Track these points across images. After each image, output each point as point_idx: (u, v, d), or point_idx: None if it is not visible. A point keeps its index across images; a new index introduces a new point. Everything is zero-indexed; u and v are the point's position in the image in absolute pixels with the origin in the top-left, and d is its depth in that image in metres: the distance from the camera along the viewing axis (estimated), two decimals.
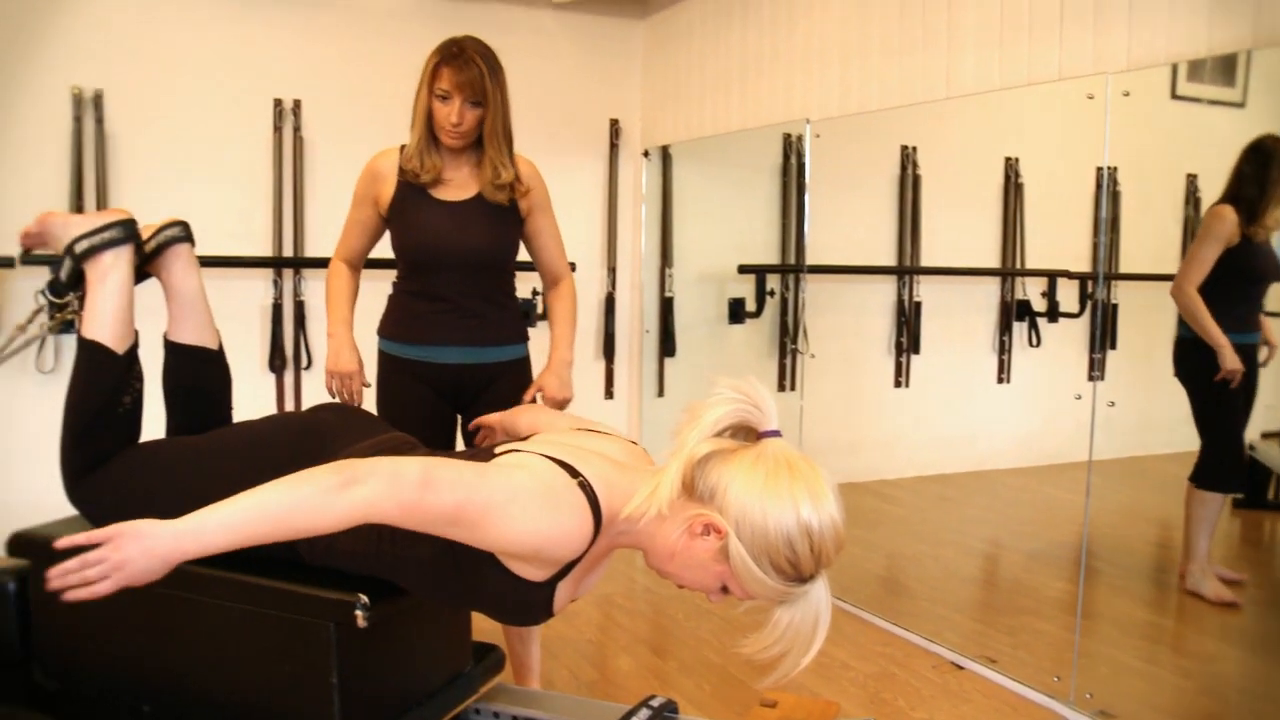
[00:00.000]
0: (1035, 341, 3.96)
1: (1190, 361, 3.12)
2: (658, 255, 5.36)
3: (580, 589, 1.76)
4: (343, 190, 2.87)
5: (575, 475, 1.62)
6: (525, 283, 3.12)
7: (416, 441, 2.02)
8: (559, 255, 2.91)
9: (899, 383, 4.41)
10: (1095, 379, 3.12)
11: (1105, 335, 3.15)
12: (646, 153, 5.40)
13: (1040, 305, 3.91)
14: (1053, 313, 3.84)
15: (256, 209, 4.67)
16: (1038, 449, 4.07)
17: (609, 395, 5.49)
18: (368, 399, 2.79)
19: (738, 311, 4.82)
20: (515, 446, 1.74)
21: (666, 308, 5.32)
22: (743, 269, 4.80)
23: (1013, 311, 4.04)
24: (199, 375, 2.17)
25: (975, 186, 4.18)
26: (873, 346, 4.45)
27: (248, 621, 1.82)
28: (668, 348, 5.32)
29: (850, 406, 4.57)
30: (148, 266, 2.13)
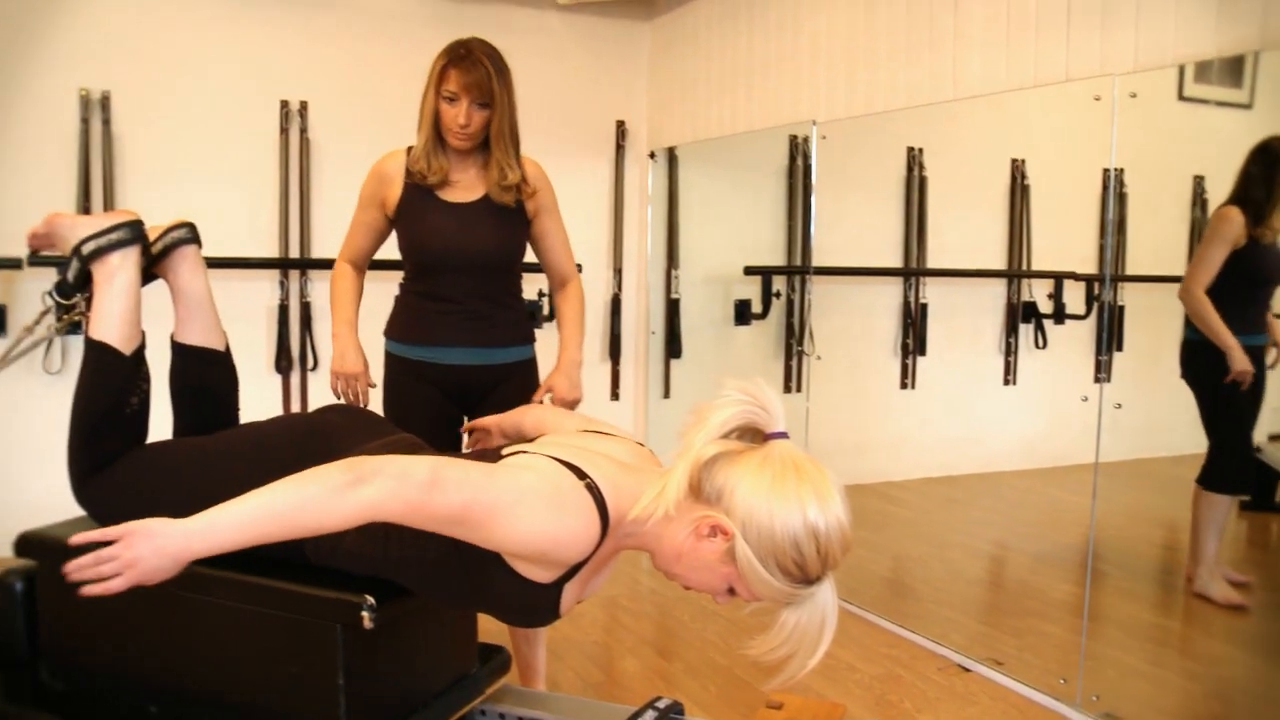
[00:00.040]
0: (1041, 343, 3.96)
1: (1198, 363, 3.11)
2: (664, 257, 5.36)
3: (587, 591, 1.76)
4: (349, 191, 2.88)
5: (582, 477, 1.62)
6: (530, 284, 3.12)
7: (423, 443, 2.02)
8: (566, 257, 2.91)
9: (905, 384, 4.41)
10: (1101, 381, 3.11)
11: (1111, 337, 3.14)
12: (653, 154, 5.40)
13: (1046, 307, 3.90)
14: (1059, 314, 3.83)
15: (263, 210, 4.68)
16: (1044, 451, 4.06)
17: (615, 397, 5.49)
18: (374, 400, 2.79)
19: (744, 313, 4.82)
20: (522, 448, 1.74)
21: (672, 309, 5.32)
22: (749, 270, 4.80)
23: (1019, 313, 4.03)
24: (206, 376, 2.18)
25: (981, 188, 4.18)
26: (879, 348, 4.44)
27: (254, 622, 1.82)
28: (674, 349, 5.32)
29: (856, 408, 4.57)
30: (155, 268, 2.13)
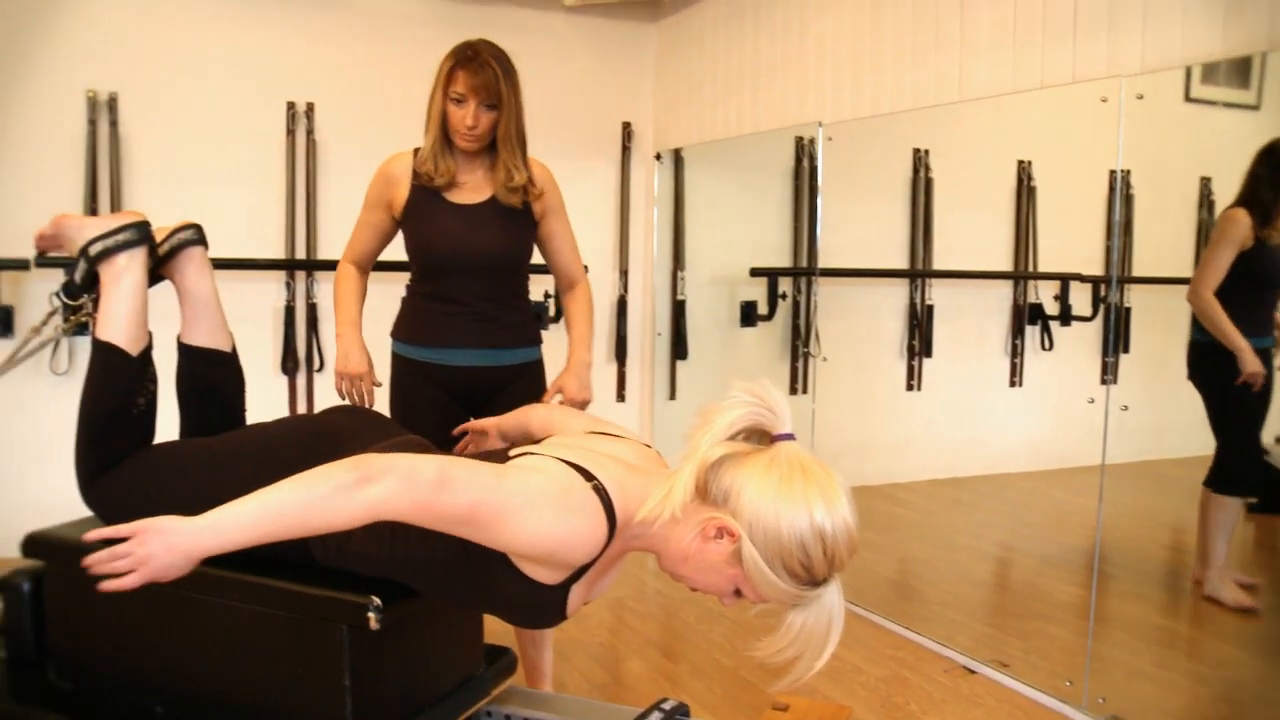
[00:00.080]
0: (1048, 345, 3.95)
1: (1206, 365, 3.11)
2: (670, 258, 5.36)
3: (593, 592, 1.76)
4: (355, 193, 2.87)
5: (590, 479, 1.62)
6: (536, 285, 3.11)
7: (430, 444, 2.02)
8: (574, 259, 2.91)
9: (911, 386, 4.41)
10: (1108, 382, 3.11)
11: (1118, 339, 3.14)
12: (659, 156, 5.40)
13: (1053, 308, 3.89)
14: (1065, 316, 3.82)
15: (269, 211, 4.69)
16: (1050, 453, 4.05)
17: (621, 398, 5.49)
18: (381, 401, 2.79)
19: (750, 314, 4.81)
20: (530, 449, 1.74)
21: (678, 311, 5.32)
22: (755, 272, 4.79)
23: (1025, 315, 4.03)
24: (212, 377, 2.18)
25: (988, 189, 4.17)
26: (885, 350, 4.44)
27: (260, 623, 1.82)
28: (679, 350, 5.32)
29: (862, 410, 4.56)
30: (161, 269, 2.14)
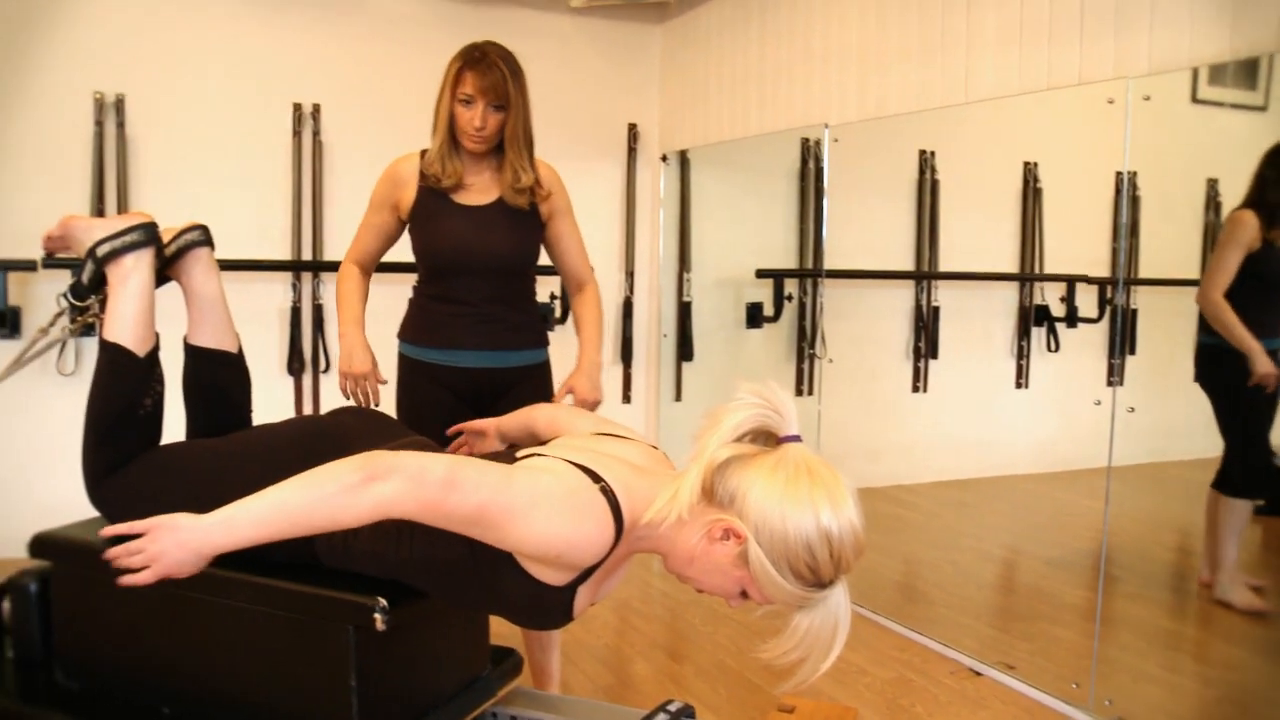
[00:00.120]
0: (1054, 347, 3.94)
1: (1214, 367, 3.10)
2: (675, 260, 5.36)
3: (600, 593, 1.76)
4: (361, 194, 2.87)
5: (597, 480, 1.62)
6: (542, 287, 3.12)
7: (436, 445, 2.02)
8: (582, 260, 2.90)
9: (917, 388, 4.40)
10: (1114, 384, 3.10)
11: (1124, 340, 3.13)
12: (664, 157, 5.40)
13: (1059, 310, 3.89)
14: (1071, 318, 3.82)
15: (276, 213, 4.70)
16: (1056, 454, 4.05)
17: (626, 399, 5.49)
18: (387, 402, 2.78)
19: (755, 316, 4.81)
20: (537, 450, 1.74)
21: (684, 312, 5.32)
22: (760, 274, 4.79)
23: (1031, 316, 4.02)
24: (219, 378, 2.18)
25: (994, 191, 4.17)
26: (891, 351, 4.43)
27: (267, 624, 1.82)
28: (685, 352, 5.32)
29: (868, 411, 4.56)
30: (168, 270, 2.14)
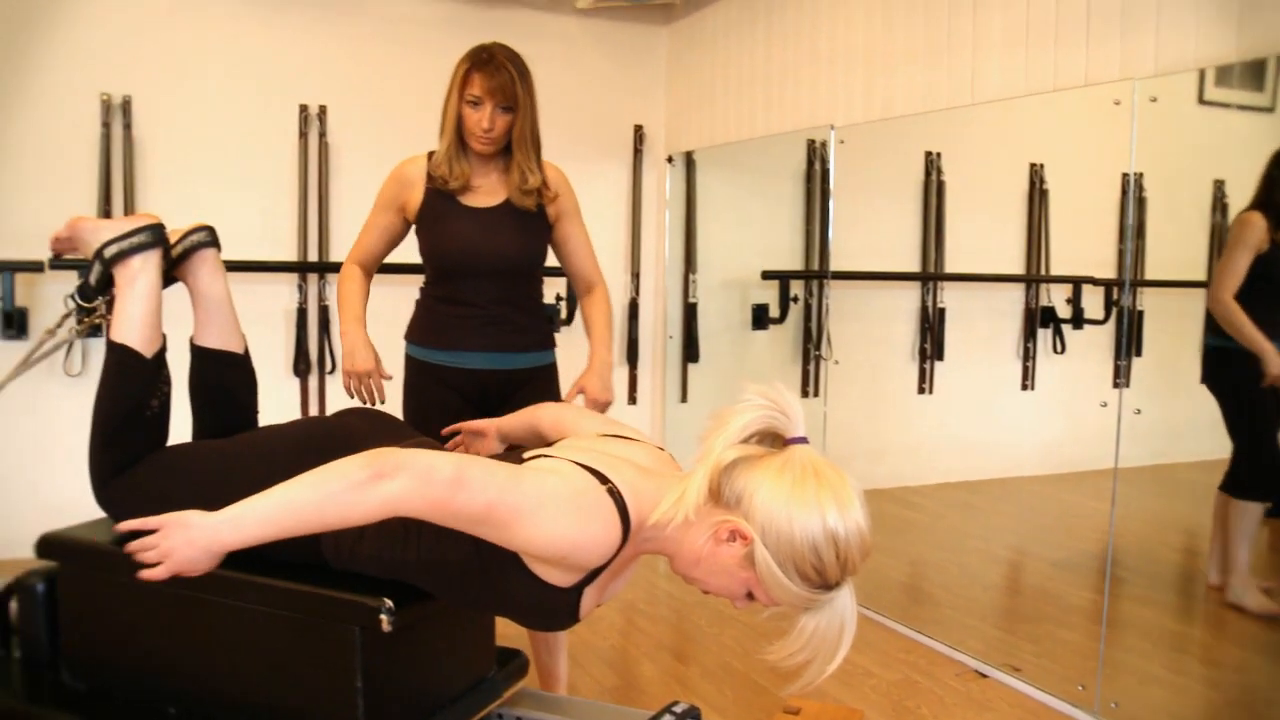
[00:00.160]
0: (1060, 348, 3.94)
1: (1222, 369, 3.09)
2: (681, 261, 5.36)
3: (606, 594, 1.76)
4: (367, 195, 2.87)
5: (604, 481, 1.62)
6: (547, 288, 3.11)
7: (442, 446, 2.02)
8: (590, 262, 2.90)
9: (923, 389, 4.40)
10: (1120, 386, 3.10)
11: (1131, 342, 3.13)
12: (670, 158, 5.40)
13: (1065, 312, 3.88)
14: (1077, 319, 3.81)
15: (282, 214, 4.70)
16: (1062, 456, 4.04)
17: (632, 401, 5.49)
18: (393, 403, 2.76)
19: (761, 317, 4.81)
20: (544, 452, 1.74)
21: (690, 313, 5.32)
22: (766, 275, 4.79)
23: (1037, 318, 4.02)
24: (225, 379, 2.19)
25: (1000, 192, 4.16)
26: (896, 353, 4.43)
27: (273, 625, 1.83)
28: (691, 353, 5.32)
29: (874, 413, 4.55)
30: (175, 271, 2.15)
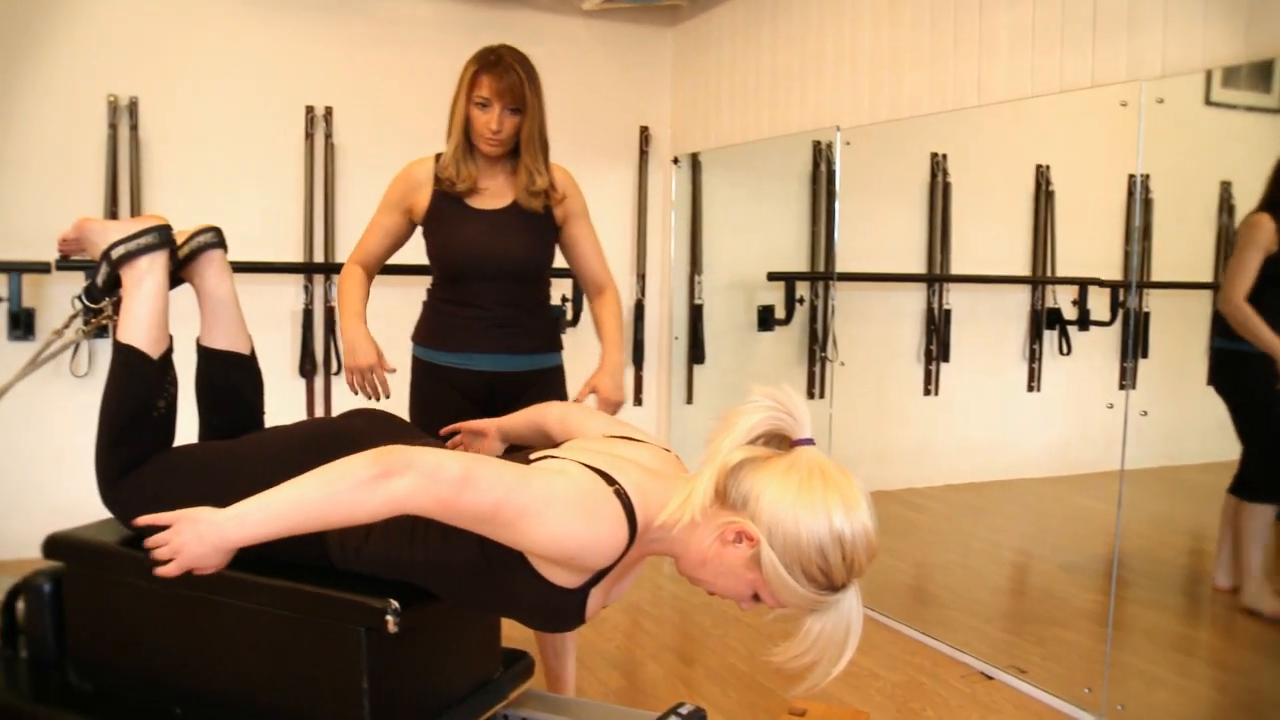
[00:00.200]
0: (1066, 350, 3.93)
1: (1231, 372, 3.08)
2: (687, 262, 5.37)
3: (612, 596, 1.76)
4: (374, 196, 2.86)
5: (611, 483, 1.62)
6: (554, 289, 3.12)
7: (445, 447, 2.02)
8: (600, 264, 2.88)
9: (929, 391, 4.39)
10: (1127, 388, 3.09)
11: (1137, 344, 3.12)
12: (676, 160, 5.40)
13: (1071, 313, 3.88)
14: (1084, 321, 3.81)
15: (288, 215, 4.71)
16: (1068, 458, 4.04)
17: (638, 402, 5.49)
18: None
19: (767, 319, 4.81)
20: (551, 453, 1.74)
21: (695, 315, 5.32)
22: (772, 276, 4.79)
23: (1043, 319, 4.01)
24: (231, 380, 2.19)
25: (1006, 194, 4.16)
26: (902, 354, 4.43)
27: (279, 626, 1.83)
28: (697, 355, 5.32)
29: (880, 414, 4.55)
30: (181, 272, 2.15)
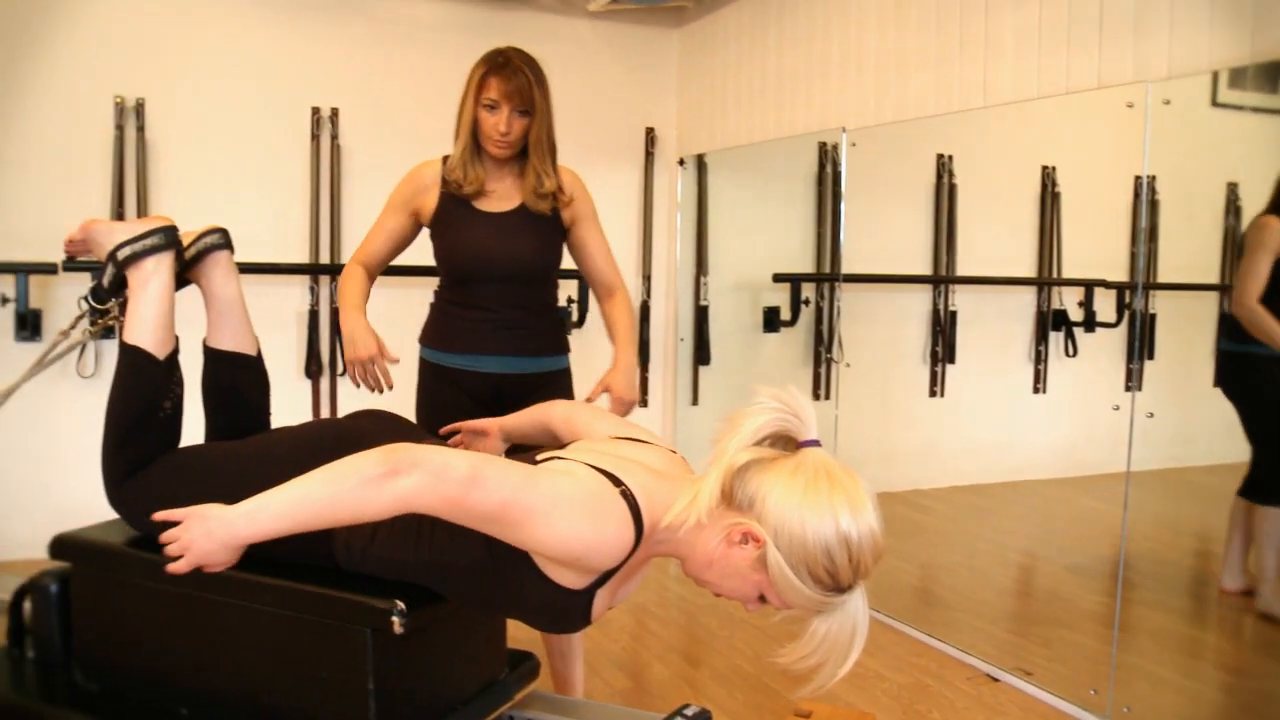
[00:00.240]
0: (1072, 351, 3.93)
1: (1240, 374, 3.07)
2: (693, 263, 5.36)
3: (617, 597, 1.76)
4: (379, 198, 2.86)
5: (618, 484, 1.62)
6: (559, 291, 3.12)
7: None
8: (609, 265, 2.86)
9: (934, 392, 4.39)
10: (1133, 389, 3.09)
11: (1143, 345, 3.12)
12: (682, 161, 5.40)
13: (1077, 315, 3.88)
14: (1089, 322, 3.80)
15: (294, 216, 4.71)
16: (1074, 459, 4.03)
17: (643, 403, 5.49)
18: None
19: (773, 320, 4.81)
20: (559, 454, 1.75)
21: (701, 316, 5.32)
22: (778, 278, 4.79)
23: (1049, 321, 4.01)
24: (237, 381, 2.20)
25: (1012, 195, 4.16)
26: (908, 356, 4.42)
27: (285, 627, 1.83)
28: (702, 356, 5.32)
29: (885, 416, 4.55)
30: (188, 273, 2.15)
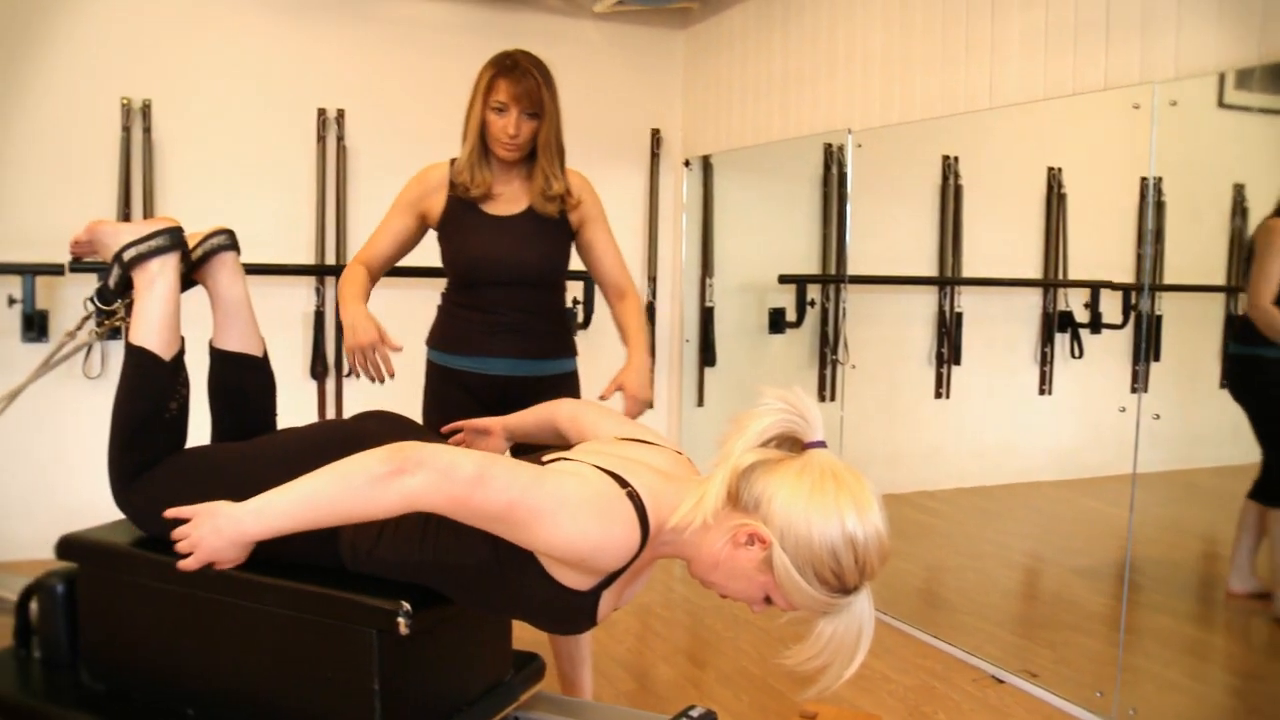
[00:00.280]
0: (1078, 353, 3.92)
1: (1250, 377, 3.06)
2: (698, 265, 5.36)
3: (623, 598, 1.76)
4: (385, 199, 2.86)
5: (624, 485, 1.62)
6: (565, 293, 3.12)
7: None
8: (619, 267, 2.86)
9: (939, 394, 4.38)
10: (1139, 391, 3.08)
11: (1149, 347, 3.11)
12: (687, 162, 5.40)
13: (1083, 316, 3.87)
14: (1095, 324, 3.80)
15: (300, 217, 4.72)
16: (1080, 461, 4.02)
17: (649, 404, 5.48)
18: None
19: (778, 321, 4.81)
20: (565, 455, 1.75)
21: (707, 317, 5.32)
22: (783, 279, 4.79)
23: (1055, 322, 4.00)
24: (244, 382, 2.19)
25: (1017, 197, 4.15)
26: (913, 357, 4.42)
27: (291, 627, 1.83)
28: (708, 357, 5.32)
29: (890, 417, 4.54)
30: (194, 274, 2.15)
